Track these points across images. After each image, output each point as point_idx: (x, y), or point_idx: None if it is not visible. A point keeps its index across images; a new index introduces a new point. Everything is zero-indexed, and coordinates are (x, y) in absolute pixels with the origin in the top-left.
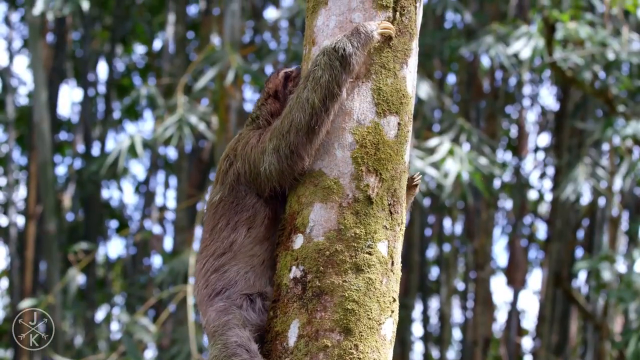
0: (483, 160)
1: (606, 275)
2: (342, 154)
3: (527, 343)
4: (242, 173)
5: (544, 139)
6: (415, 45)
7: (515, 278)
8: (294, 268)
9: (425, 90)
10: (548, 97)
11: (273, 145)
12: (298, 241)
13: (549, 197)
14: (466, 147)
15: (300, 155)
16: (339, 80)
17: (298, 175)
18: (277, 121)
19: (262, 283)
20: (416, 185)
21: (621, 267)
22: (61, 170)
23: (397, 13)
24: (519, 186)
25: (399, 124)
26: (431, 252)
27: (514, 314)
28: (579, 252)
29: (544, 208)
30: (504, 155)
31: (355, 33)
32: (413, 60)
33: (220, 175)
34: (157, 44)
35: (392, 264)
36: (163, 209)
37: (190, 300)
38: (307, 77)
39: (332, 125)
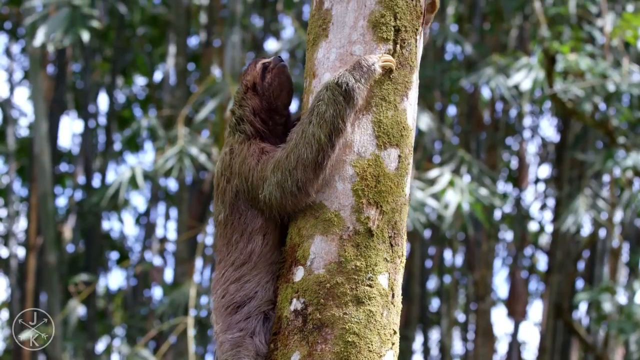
0: (483, 192)
1: (607, 306)
2: (343, 187)
3: None
4: (240, 191)
5: (545, 171)
6: (415, 77)
7: (516, 309)
8: (294, 300)
9: (426, 121)
10: (548, 128)
11: (277, 179)
12: (299, 273)
13: (549, 228)
14: (467, 178)
15: (307, 191)
16: (344, 115)
17: (300, 209)
18: (282, 153)
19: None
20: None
21: (622, 298)
22: (62, 202)
23: (398, 46)
24: (519, 217)
25: (399, 156)
26: (432, 283)
27: (515, 346)
28: (580, 284)
29: (544, 239)
30: (505, 187)
31: (357, 67)
32: (413, 93)
33: (219, 194)
34: (157, 76)
35: (393, 296)
36: (164, 240)
37: (191, 332)
38: (311, 112)
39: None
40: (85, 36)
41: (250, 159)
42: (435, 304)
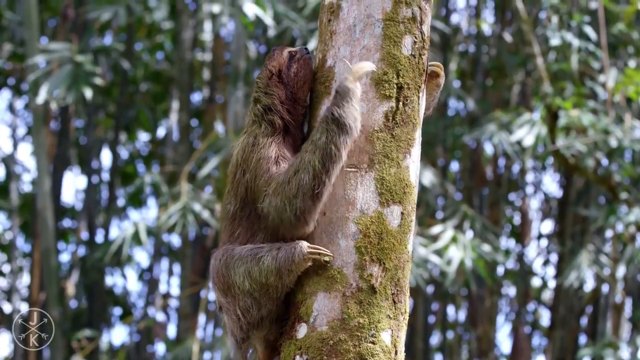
0: (486, 248)
1: None
2: (346, 244)
3: None
4: (248, 188)
5: (547, 226)
6: (418, 135)
7: None
8: (297, 357)
9: (429, 177)
10: (551, 184)
11: (275, 203)
12: (302, 330)
13: (552, 284)
14: (469, 234)
15: (306, 220)
16: (337, 142)
17: (297, 235)
18: (285, 175)
19: None
20: (438, 74)
21: (625, 354)
22: (65, 258)
23: (400, 103)
24: (522, 273)
25: (402, 213)
26: (435, 339)
27: None
28: (583, 339)
29: (547, 295)
30: (507, 243)
31: (339, 95)
32: (416, 150)
33: (234, 185)
34: (160, 132)
35: (396, 353)
36: (167, 296)
37: None
38: (308, 142)
39: (335, 214)
40: (88, 93)
41: (264, 161)
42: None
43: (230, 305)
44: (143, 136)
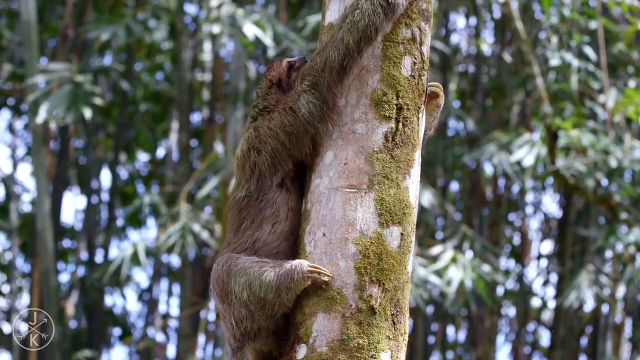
0: (486, 268)
1: None
2: (346, 264)
3: None
4: (277, 149)
5: (547, 246)
6: (417, 155)
7: None
8: None
9: (428, 198)
10: (551, 204)
11: (309, 81)
12: (301, 351)
13: (552, 304)
14: (469, 254)
15: (333, 92)
16: (378, 26)
17: (335, 114)
18: (309, 62)
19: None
20: (438, 94)
21: None
22: (64, 278)
23: (400, 124)
24: (522, 293)
25: (401, 234)
26: (434, 359)
27: None
28: (583, 359)
29: (547, 315)
30: (507, 263)
31: None
32: (416, 171)
33: (246, 171)
34: (160, 152)
35: None
36: (166, 316)
37: None
38: (343, 19)
39: (335, 235)
40: (87, 113)
41: (274, 113)
42: None
43: (226, 313)
44: (143, 156)
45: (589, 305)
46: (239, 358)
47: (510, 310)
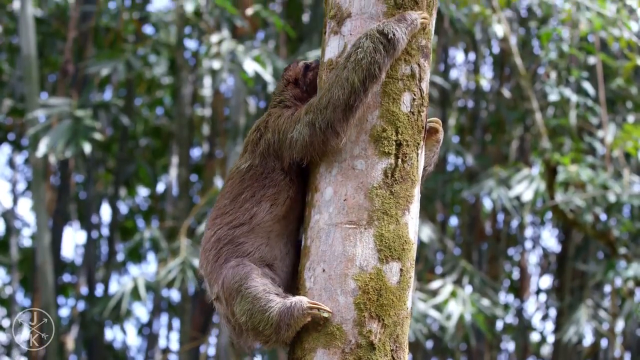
0: (485, 302)
1: None
2: (345, 300)
3: None
4: (271, 143)
5: (546, 281)
6: (417, 191)
7: None
8: None
9: (427, 233)
10: (550, 239)
11: (309, 118)
12: None
13: (551, 338)
14: (469, 289)
15: (336, 130)
16: (381, 64)
17: (329, 149)
18: (315, 98)
19: (273, 255)
20: (437, 130)
21: None
22: (64, 312)
23: (399, 160)
24: (521, 328)
25: (401, 270)
26: None
27: None
28: None
29: (546, 350)
30: (506, 297)
31: (402, 19)
32: (415, 207)
33: (250, 145)
34: (160, 187)
35: None
36: (166, 351)
37: None
38: (347, 58)
39: (334, 271)
40: (87, 148)
41: (287, 112)
42: None
43: (224, 312)
44: (143, 191)
45: (588, 340)
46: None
47: (510, 345)
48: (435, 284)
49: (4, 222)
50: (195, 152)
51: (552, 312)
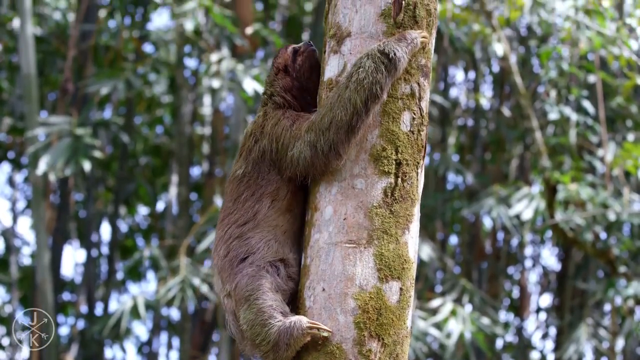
0: (485, 321)
1: None
2: (345, 319)
3: None
4: (267, 151)
5: (546, 300)
6: (417, 210)
7: None
8: None
9: (427, 251)
10: (550, 258)
11: (310, 138)
12: None
13: (551, 357)
14: (468, 307)
15: (338, 152)
16: (383, 84)
17: (326, 171)
18: (317, 115)
19: (285, 250)
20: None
21: None
22: (64, 331)
23: (399, 179)
24: (521, 347)
25: (400, 289)
26: None
27: None
28: None
29: None
30: (506, 316)
31: (403, 39)
32: (415, 226)
33: (244, 151)
34: (160, 206)
35: None
36: None
37: None
38: (349, 77)
39: (334, 290)
40: (87, 166)
41: (285, 120)
42: None
43: (233, 309)
44: (142, 210)
45: (588, 359)
46: None
47: None
48: (435, 303)
49: (3, 240)
50: (195, 171)
51: (552, 331)
